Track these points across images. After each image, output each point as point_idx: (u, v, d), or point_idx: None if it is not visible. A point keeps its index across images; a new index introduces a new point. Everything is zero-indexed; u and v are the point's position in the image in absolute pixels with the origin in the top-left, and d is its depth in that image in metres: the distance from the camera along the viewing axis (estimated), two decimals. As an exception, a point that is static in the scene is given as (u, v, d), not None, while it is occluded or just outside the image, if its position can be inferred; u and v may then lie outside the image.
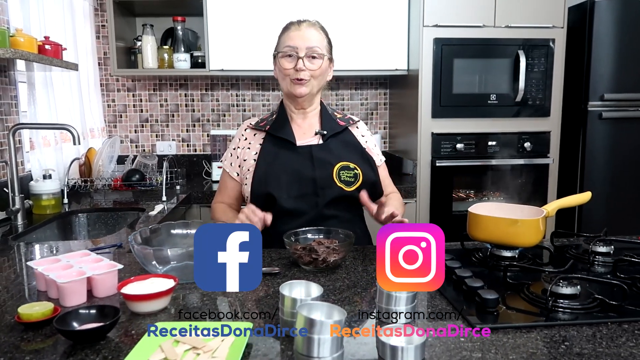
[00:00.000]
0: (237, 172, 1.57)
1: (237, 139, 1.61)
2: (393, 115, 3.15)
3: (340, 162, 1.49)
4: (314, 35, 1.48)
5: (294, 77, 1.46)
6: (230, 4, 2.63)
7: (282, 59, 1.48)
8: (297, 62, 1.45)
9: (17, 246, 1.58)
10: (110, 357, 0.79)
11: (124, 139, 3.09)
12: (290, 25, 1.52)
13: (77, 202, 2.27)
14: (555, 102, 2.65)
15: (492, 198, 2.77)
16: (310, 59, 1.46)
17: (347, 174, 1.48)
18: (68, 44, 2.43)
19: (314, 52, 1.46)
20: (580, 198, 1.34)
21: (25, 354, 0.80)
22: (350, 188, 1.47)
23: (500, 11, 2.55)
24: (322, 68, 1.48)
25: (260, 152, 1.52)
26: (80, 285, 0.99)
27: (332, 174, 1.47)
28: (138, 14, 2.97)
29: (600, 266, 1.23)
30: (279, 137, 1.52)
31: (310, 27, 1.50)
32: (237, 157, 1.57)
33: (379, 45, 2.72)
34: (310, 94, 1.50)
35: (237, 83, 3.11)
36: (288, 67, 1.47)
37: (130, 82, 3.06)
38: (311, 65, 1.46)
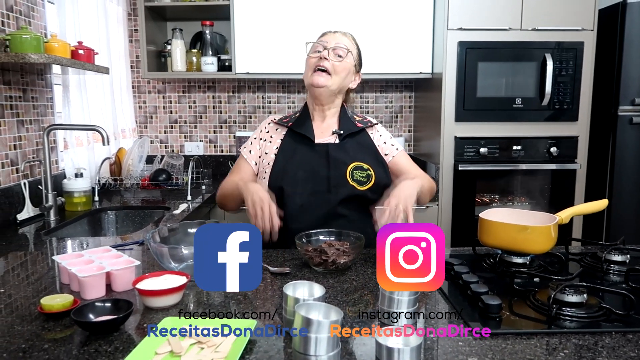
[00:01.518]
0: (256, 161, 1.61)
1: (259, 130, 1.66)
2: (418, 119, 3.15)
3: (355, 162, 1.52)
4: (345, 40, 1.56)
5: (316, 65, 1.52)
6: (256, 9, 2.69)
7: (310, 54, 1.55)
8: (323, 52, 1.52)
9: (49, 241, 1.68)
10: (121, 348, 0.84)
11: (154, 139, 3.20)
12: (325, 32, 1.60)
13: (107, 200, 2.37)
14: (584, 106, 2.59)
15: (517, 203, 2.74)
16: (335, 55, 1.52)
17: (360, 174, 1.51)
18: (101, 48, 2.54)
19: (340, 49, 1.53)
20: (596, 205, 1.32)
21: (44, 342, 0.86)
22: (362, 187, 1.51)
23: (527, 14, 2.52)
24: (344, 65, 1.53)
25: (280, 146, 1.57)
26: (99, 279, 1.05)
27: (346, 172, 1.51)
28: (169, 19, 3.07)
29: (615, 275, 1.21)
30: (299, 133, 1.57)
31: (343, 35, 1.58)
32: (258, 148, 1.62)
33: (404, 48, 2.73)
34: (327, 89, 1.53)
35: (263, 86, 3.17)
36: (313, 56, 1.54)
37: (160, 85, 3.16)
38: (335, 59, 1.52)
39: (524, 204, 2.74)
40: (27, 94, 2.03)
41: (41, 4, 2.12)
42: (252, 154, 1.62)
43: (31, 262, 1.37)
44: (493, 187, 2.72)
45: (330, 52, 1.51)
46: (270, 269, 1.23)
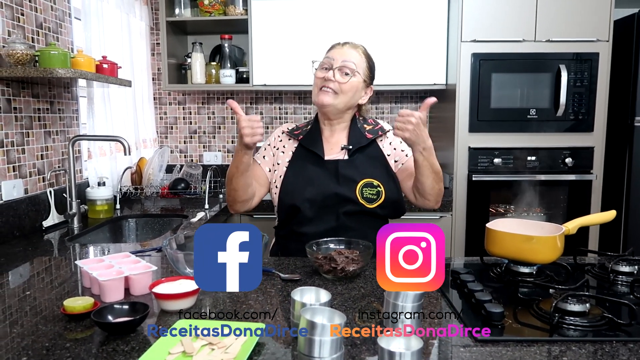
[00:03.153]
0: (270, 167, 1.62)
1: (272, 138, 1.68)
2: (432, 129, 3.16)
3: (365, 178, 1.52)
4: (353, 54, 1.53)
5: (322, 85, 1.52)
6: (273, 23, 2.76)
7: (318, 70, 1.55)
8: (329, 72, 1.50)
9: (73, 247, 1.75)
10: (137, 348, 0.89)
11: (174, 149, 3.28)
12: (334, 45, 1.58)
13: (128, 208, 2.45)
14: (599, 117, 2.58)
15: (533, 214, 2.73)
16: (342, 73, 1.50)
17: (370, 192, 1.52)
18: (124, 61, 2.64)
19: (347, 67, 1.50)
20: (604, 217, 1.33)
21: (66, 341, 0.92)
22: (371, 205, 1.51)
23: (541, 26, 2.53)
24: (351, 84, 1.51)
25: (291, 160, 1.59)
26: (118, 283, 1.11)
27: (355, 190, 1.51)
28: (189, 33, 3.17)
29: (622, 285, 1.22)
30: (309, 149, 1.59)
31: (352, 48, 1.55)
32: (272, 155, 1.64)
33: (418, 60, 2.76)
34: (333, 107, 1.52)
35: (280, 97, 3.24)
36: (320, 76, 1.53)
37: (180, 96, 3.25)
38: (341, 79, 1.50)
39: (539, 214, 2.73)
40: (54, 106, 2.13)
41: (68, 21, 2.22)
42: (267, 160, 1.64)
43: (55, 267, 1.44)
44: (508, 198, 2.72)
45: (336, 72, 1.50)
46: (282, 276, 1.27)
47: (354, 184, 1.52)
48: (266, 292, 1.18)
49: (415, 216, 2.53)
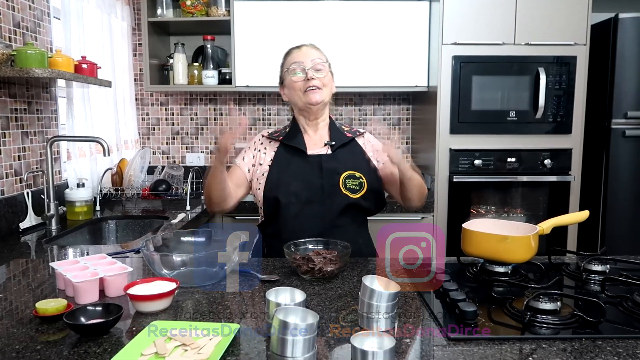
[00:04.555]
0: (249, 168, 1.65)
1: (252, 143, 1.72)
2: (415, 131, 3.19)
3: (347, 170, 1.58)
4: (315, 52, 1.63)
5: (307, 85, 1.57)
6: (256, 25, 2.76)
7: (292, 76, 1.60)
8: (307, 73, 1.57)
9: (50, 249, 1.73)
10: (109, 350, 0.88)
11: (156, 150, 3.26)
12: (290, 50, 1.67)
13: (109, 210, 2.43)
14: (578, 119, 2.63)
15: (513, 215, 2.77)
16: (316, 70, 1.58)
17: (353, 182, 1.57)
18: (105, 62, 2.62)
19: (317, 64, 1.59)
20: (577, 217, 1.36)
21: (37, 343, 0.90)
22: (355, 195, 1.56)
23: (520, 29, 2.57)
24: (328, 77, 1.62)
25: (274, 158, 1.63)
26: (92, 285, 1.10)
27: (339, 182, 1.56)
28: (172, 33, 3.15)
29: (594, 284, 1.24)
30: (291, 146, 1.62)
31: (309, 47, 1.64)
32: (252, 156, 1.67)
33: (401, 62, 2.78)
34: (323, 102, 1.61)
35: (263, 98, 3.23)
36: (299, 80, 1.58)
37: (163, 97, 3.23)
38: (318, 75, 1.58)
39: (519, 215, 2.77)
40: (32, 106, 2.10)
41: (47, 20, 2.20)
42: (246, 161, 1.66)
43: (32, 269, 1.42)
44: (489, 199, 2.75)
45: (312, 71, 1.57)
46: (260, 277, 1.27)
47: (337, 175, 1.57)
48: (243, 292, 1.18)
49: (398, 217, 2.53)
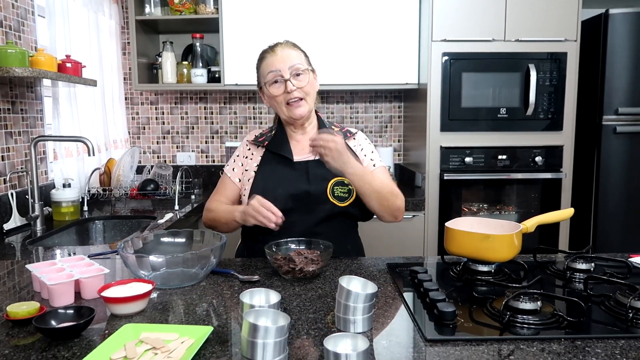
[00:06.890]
0: (239, 178, 1.61)
1: (241, 148, 1.66)
2: (407, 129, 3.18)
3: (336, 177, 1.50)
4: (291, 54, 1.50)
5: (288, 99, 1.49)
6: (245, 22, 2.74)
7: (270, 87, 1.50)
8: (286, 84, 1.46)
9: (35, 250, 1.71)
10: (79, 354, 0.86)
11: (147, 149, 3.24)
12: (264, 53, 1.54)
13: (97, 210, 2.41)
14: (568, 116, 2.62)
15: (505, 212, 2.75)
16: (295, 77, 1.48)
17: (341, 190, 1.50)
18: (92, 61, 2.60)
19: (297, 69, 1.48)
20: (562, 214, 1.34)
21: (6, 348, 0.89)
22: (343, 204, 1.50)
23: (510, 25, 2.55)
24: (310, 82, 1.51)
25: (259, 164, 1.58)
26: (67, 287, 1.08)
27: (327, 189, 1.49)
28: (160, 32, 3.13)
29: (578, 283, 1.23)
30: (277, 153, 1.57)
31: (284, 48, 1.51)
32: (240, 165, 1.62)
33: (392, 59, 2.77)
34: (307, 113, 1.54)
35: (253, 97, 3.21)
36: (278, 93, 1.49)
37: (153, 96, 3.21)
38: (300, 83, 1.48)
39: (511, 213, 2.76)
40: (16, 106, 2.07)
41: (32, 19, 2.17)
42: (236, 172, 1.62)
43: (17, 271, 1.39)
44: (480, 197, 2.74)
45: (291, 80, 1.46)
46: (240, 277, 1.26)
47: (325, 182, 1.50)
48: (222, 294, 1.16)
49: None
